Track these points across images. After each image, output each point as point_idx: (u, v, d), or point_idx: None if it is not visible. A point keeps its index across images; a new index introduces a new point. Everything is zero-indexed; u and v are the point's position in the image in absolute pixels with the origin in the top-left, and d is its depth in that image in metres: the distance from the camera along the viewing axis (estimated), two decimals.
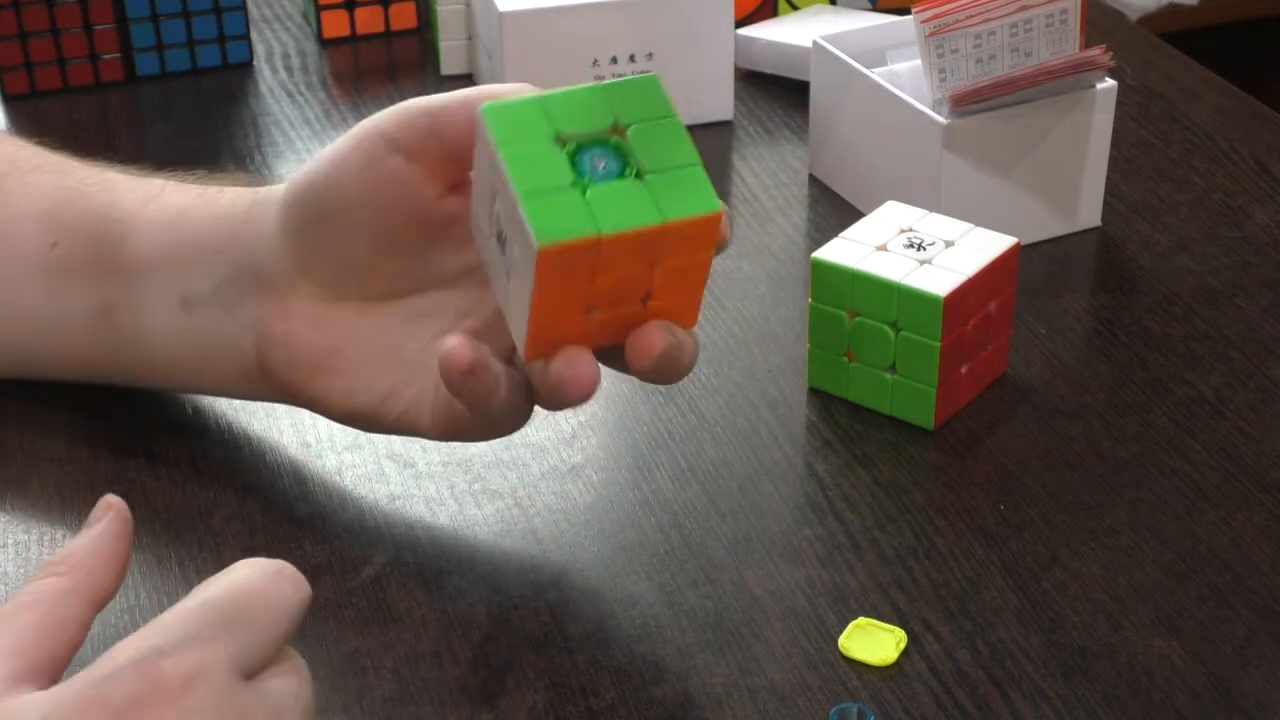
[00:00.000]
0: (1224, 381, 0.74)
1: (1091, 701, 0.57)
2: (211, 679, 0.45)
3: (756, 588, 0.62)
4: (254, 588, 0.47)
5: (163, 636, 0.45)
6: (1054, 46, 0.82)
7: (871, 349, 0.71)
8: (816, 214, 0.89)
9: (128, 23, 1.01)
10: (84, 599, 0.48)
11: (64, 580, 0.48)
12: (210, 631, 0.45)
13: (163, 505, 0.66)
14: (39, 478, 0.68)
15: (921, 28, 0.80)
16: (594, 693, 0.58)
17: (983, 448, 0.70)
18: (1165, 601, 0.62)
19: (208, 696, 0.44)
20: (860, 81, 0.86)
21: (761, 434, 0.71)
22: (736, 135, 0.96)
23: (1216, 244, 0.85)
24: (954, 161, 0.81)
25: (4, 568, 0.64)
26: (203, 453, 0.69)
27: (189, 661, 0.44)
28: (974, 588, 0.63)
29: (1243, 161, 0.93)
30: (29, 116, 0.99)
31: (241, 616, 0.47)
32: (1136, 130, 0.96)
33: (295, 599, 0.48)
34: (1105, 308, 0.80)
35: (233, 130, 0.98)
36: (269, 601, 0.47)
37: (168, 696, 0.44)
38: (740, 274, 0.83)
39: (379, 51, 1.07)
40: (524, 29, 0.92)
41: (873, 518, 0.66)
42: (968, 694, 0.58)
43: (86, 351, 0.68)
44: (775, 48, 1.01)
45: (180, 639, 0.45)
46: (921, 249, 0.71)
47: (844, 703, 0.57)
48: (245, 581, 0.47)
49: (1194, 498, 0.67)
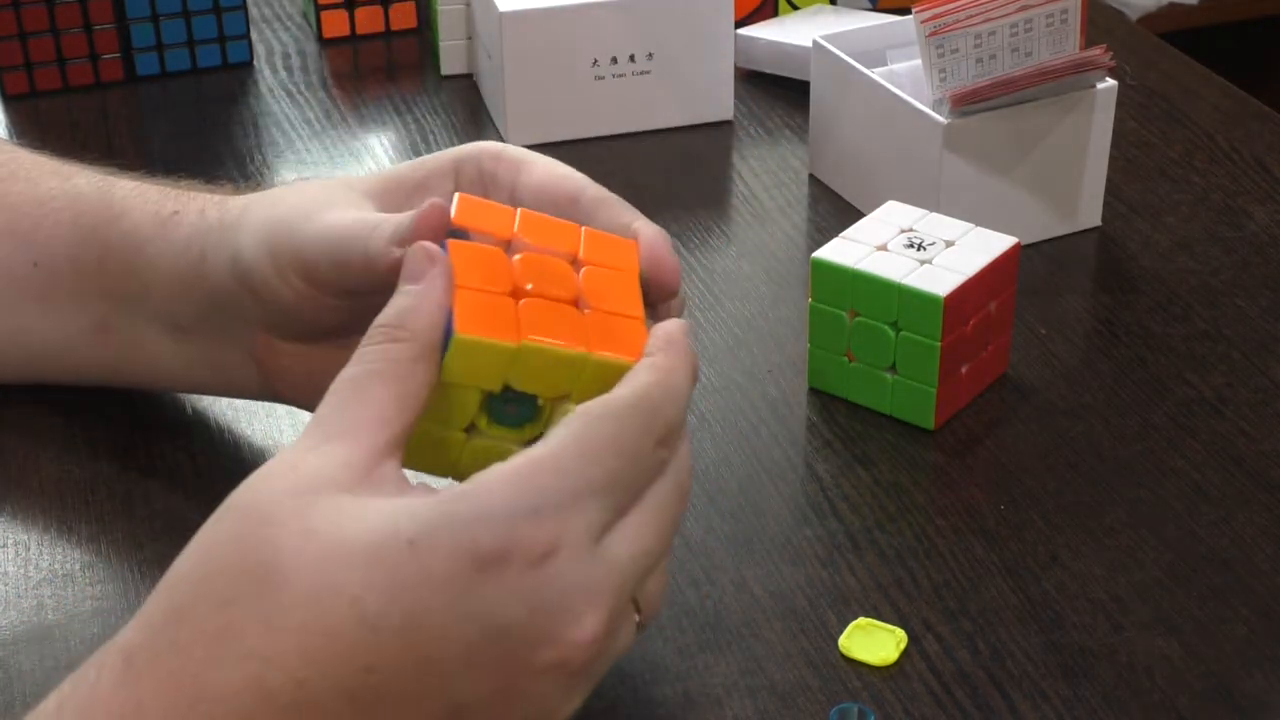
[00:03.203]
0: (1224, 381, 0.74)
1: (1091, 701, 0.57)
2: (569, 552, 0.45)
3: (756, 588, 0.62)
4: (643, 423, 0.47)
5: (537, 492, 0.45)
6: (1054, 46, 0.82)
7: (871, 349, 0.71)
8: (816, 214, 0.89)
9: (128, 22, 1.01)
10: (429, 366, 0.48)
11: (409, 347, 0.48)
12: (584, 493, 0.46)
13: (163, 505, 0.66)
14: (39, 478, 0.68)
15: (921, 28, 0.80)
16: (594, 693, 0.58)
17: (983, 448, 0.70)
18: (1165, 601, 0.62)
19: (563, 571, 0.45)
20: (860, 81, 0.85)
21: (761, 434, 0.71)
22: (736, 135, 0.96)
23: (1216, 244, 0.85)
24: (954, 161, 0.81)
25: (4, 568, 0.64)
26: (203, 453, 0.69)
27: (554, 531, 0.45)
28: (974, 588, 0.63)
29: (1243, 161, 0.93)
30: (29, 116, 0.99)
31: (622, 471, 0.47)
32: (1136, 130, 0.96)
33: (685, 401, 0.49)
34: (1105, 308, 0.80)
35: (233, 130, 0.98)
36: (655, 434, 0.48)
37: (526, 562, 0.44)
38: (740, 274, 0.83)
39: (379, 51, 1.07)
40: (524, 29, 0.92)
41: (873, 518, 0.66)
42: (968, 694, 0.58)
43: (90, 366, 0.68)
44: (775, 48, 1.01)
45: (553, 500, 0.45)
46: (921, 249, 0.71)
47: (844, 703, 0.57)
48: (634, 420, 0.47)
49: (1194, 498, 0.67)
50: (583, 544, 0.45)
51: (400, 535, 0.44)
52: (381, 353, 0.48)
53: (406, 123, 0.98)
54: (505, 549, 0.44)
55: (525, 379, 0.50)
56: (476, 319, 0.49)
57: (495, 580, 0.44)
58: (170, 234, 0.64)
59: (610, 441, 0.47)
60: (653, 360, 0.49)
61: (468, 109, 0.99)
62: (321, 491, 0.45)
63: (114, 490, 0.67)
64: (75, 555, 0.64)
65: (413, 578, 0.44)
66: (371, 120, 0.99)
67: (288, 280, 0.58)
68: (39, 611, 0.61)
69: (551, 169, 0.58)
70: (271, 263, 0.58)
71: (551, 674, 0.46)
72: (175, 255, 0.63)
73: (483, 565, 0.44)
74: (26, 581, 0.63)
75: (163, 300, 0.64)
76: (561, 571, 0.45)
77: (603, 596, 0.46)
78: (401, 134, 0.97)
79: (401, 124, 0.98)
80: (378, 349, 0.48)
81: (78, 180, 0.68)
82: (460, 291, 0.50)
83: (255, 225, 0.59)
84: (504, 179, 0.58)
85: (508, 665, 0.45)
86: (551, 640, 0.45)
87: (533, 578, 0.45)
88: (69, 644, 0.60)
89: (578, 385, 0.50)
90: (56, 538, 0.65)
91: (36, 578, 0.63)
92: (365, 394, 0.47)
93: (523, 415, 0.51)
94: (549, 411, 0.51)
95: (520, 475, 0.45)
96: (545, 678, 0.46)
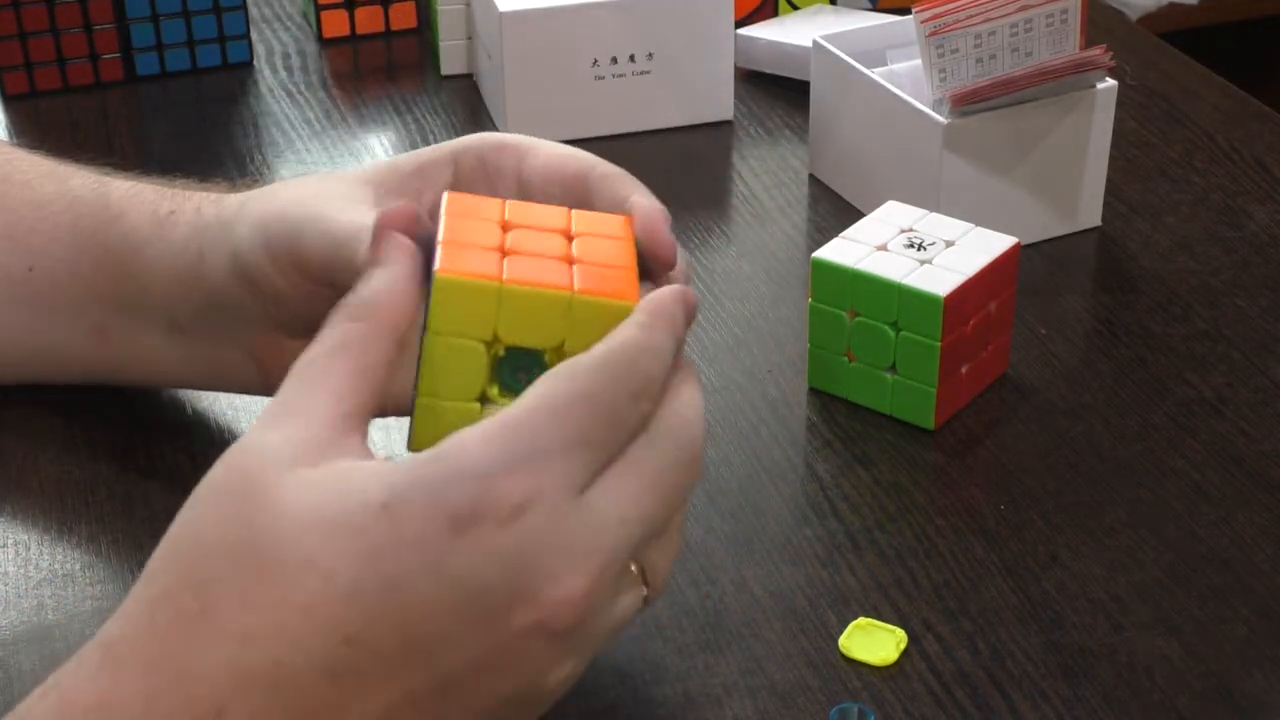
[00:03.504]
0: (1224, 381, 0.74)
1: (1091, 701, 0.57)
2: (544, 508, 0.44)
3: (756, 588, 0.62)
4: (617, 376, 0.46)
5: (509, 449, 0.44)
6: (1054, 46, 0.82)
7: (871, 349, 0.71)
8: (816, 214, 0.89)
9: (128, 23, 1.01)
10: (388, 341, 0.48)
11: (367, 324, 0.48)
12: (557, 448, 0.45)
13: (163, 505, 0.66)
14: (39, 478, 0.68)
15: (921, 28, 0.80)
16: (594, 693, 0.58)
17: (983, 448, 0.70)
18: (1165, 601, 0.62)
19: (538, 527, 0.44)
20: (860, 81, 0.85)
21: (761, 434, 0.71)
22: (736, 135, 0.96)
23: (1216, 244, 0.85)
24: (954, 161, 0.81)
25: (4, 568, 0.64)
26: (203, 453, 0.69)
27: (527, 487, 0.44)
28: (974, 588, 0.63)
29: (1243, 161, 0.93)
30: (29, 116, 0.99)
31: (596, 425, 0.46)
32: (1136, 130, 0.96)
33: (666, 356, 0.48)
34: (1105, 308, 0.80)
35: (233, 130, 0.98)
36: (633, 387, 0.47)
37: (498, 519, 0.44)
38: (740, 274, 0.83)
39: (379, 51, 1.07)
40: (524, 29, 0.92)
41: (873, 518, 0.66)
42: (968, 694, 0.58)
43: (88, 367, 0.68)
44: (775, 48, 1.01)
45: (526, 455, 0.44)
46: (921, 249, 0.71)
47: (844, 703, 0.57)
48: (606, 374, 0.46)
49: (1194, 498, 0.67)
50: (559, 500, 0.45)
51: (371, 501, 0.44)
52: (340, 331, 0.48)
53: (406, 123, 0.98)
54: (478, 507, 0.44)
55: (516, 326, 0.49)
56: (458, 262, 0.49)
57: (470, 540, 0.44)
58: (168, 234, 0.64)
59: (583, 398, 0.46)
60: (632, 318, 0.49)
61: (468, 109, 0.99)
62: (285, 467, 0.45)
63: (114, 490, 0.67)
64: (75, 555, 0.64)
65: (387, 543, 0.43)
66: (371, 120, 0.99)
67: (285, 274, 0.58)
68: (39, 611, 0.61)
69: (557, 150, 0.57)
70: (269, 257, 0.58)
71: (534, 636, 0.45)
72: (174, 255, 0.63)
73: (457, 525, 0.43)
74: (26, 581, 0.63)
75: (161, 300, 0.64)
76: (537, 527, 0.44)
77: (586, 555, 0.45)
78: (401, 134, 0.97)
79: (401, 124, 0.98)
80: (335, 329, 0.48)
81: (74, 183, 0.68)
82: (446, 244, 0.50)
83: (253, 220, 0.59)
84: (508, 167, 0.57)
85: (488, 629, 0.44)
86: (530, 600, 0.44)
87: (507, 535, 0.44)
88: (69, 644, 0.60)
89: (572, 333, 0.49)
90: (56, 538, 0.65)
91: (36, 578, 0.63)
92: (321, 371, 0.47)
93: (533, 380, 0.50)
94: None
95: (492, 434, 0.45)
96: (528, 641, 0.45)
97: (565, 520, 0.45)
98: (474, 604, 0.44)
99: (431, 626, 0.44)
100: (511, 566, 0.44)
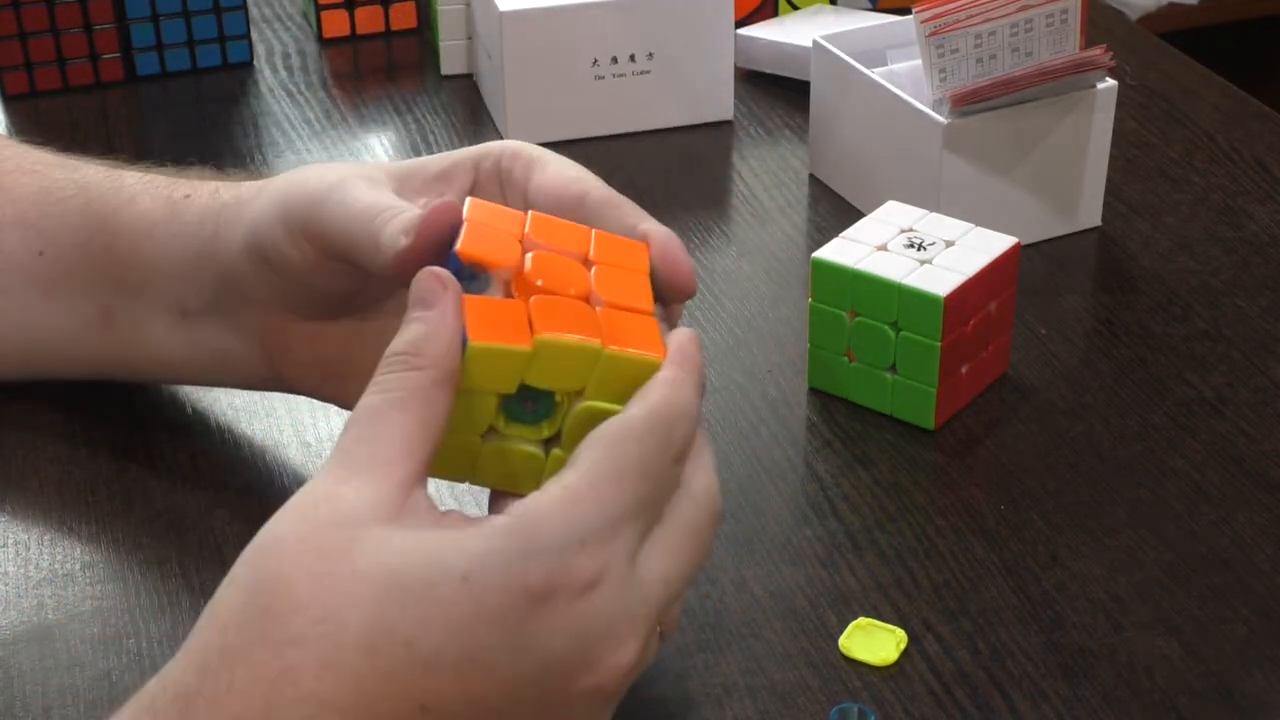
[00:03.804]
0: (1224, 381, 0.74)
1: (1091, 701, 0.57)
2: (612, 580, 0.45)
3: (756, 588, 0.62)
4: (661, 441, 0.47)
5: (582, 523, 0.45)
6: (1054, 46, 0.82)
7: (871, 349, 0.71)
8: (816, 214, 0.89)
9: (128, 22, 1.01)
10: (448, 391, 0.48)
11: (428, 374, 0.48)
12: (619, 518, 0.46)
13: (163, 505, 0.66)
14: (39, 478, 0.68)
15: (921, 28, 0.80)
16: None
17: (983, 448, 0.70)
18: (1165, 601, 0.62)
19: (607, 599, 0.45)
20: (860, 81, 0.85)
21: (761, 434, 0.71)
22: (736, 135, 0.96)
23: (1216, 244, 0.85)
24: (954, 161, 0.81)
25: (4, 568, 0.64)
26: (203, 453, 0.69)
27: (599, 560, 0.45)
28: (974, 588, 0.63)
29: (1243, 161, 0.93)
30: (29, 116, 0.99)
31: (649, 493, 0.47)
32: (1136, 130, 0.96)
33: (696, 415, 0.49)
34: (1105, 308, 0.80)
35: (233, 130, 0.98)
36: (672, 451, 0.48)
37: (572, 594, 0.45)
38: (740, 274, 0.83)
39: (379, 51, 1.07)
40: (524, 29, 0.92)
41: (873, 518, 0.66)
42: (968, 694, 0.58)
43: (92, 355, 0.68)
44: (775, 48, 1.01)
45: (595, 529, 0.45)
46: (921, 249, 0.71)
47: (844, 703, 0.57)
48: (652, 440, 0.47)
49: (1194, 498, 0.67)
50: (622, 570, 0.46)
51: (452, 571, 0.44)
52: (400, 381, 0.47)
53: (406, 123, 0.98)
54: (554, 583, 0.45)
55: (542, 376, 0.50)
56: (488, 325, 0.49)
57: (546, 614, 0.45)
58: (181, 214, 0.64)
59: (636, 464, 0.47)
60: (663, 375, 0.49)
61: (468, 109, 0.99)
62: (361, 526, 0.45)
63: (114, 490, 0.67)
64: (75, 555, 0.64)
65: (468, 614, 0.44)
66: (371, 120, 0.99)
67: (299, 246, 0.58)
68: (39, 611, 0.61)
69: (561, 170, 0.58)
70: (284, 227, 0.58)
71: (591, 699, 0.46)
72: (187, 236, 0.63)
73: (534, 600, 0.44)
74: (26, 581, 0.63)
75: (170, 283, 0.64)
76: (606, 599, 0.45)
77: (640, 621, 0.47)
78: (401, 134, 0.97)
79: (401, 124, 0.98)
80: (396, 377, 0.48)
81: (86, 171, 0.69)
82: (470, 299, 0.50)
83: (273, 194, 0.60)
84: (519, 178, 0.58)
85: (550, 695, 0.46)
86: (593, 668, 0.46)
87: (579, 608, 0.45)
88: (69, 644, 0.60)
89: (593, 380, 0.50)
90: (56, 538, 0.65)
91: (36, 578, 0.63)
92: (388, 424, 0.47)
93: (539, 412, 0.51)
94: (566, 407, 0.51)
95: (563, 506, 0.46)
96: (583, 703, 0.46)
97: (626, 589, 0.46)
98: (543, 673, 0.45)
99: (502, 694, 0.45)
100: (581, 637, 0.45)
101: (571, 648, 0.45)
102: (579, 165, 0.58)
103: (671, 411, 0.48)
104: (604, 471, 0.46)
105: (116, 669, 0.59)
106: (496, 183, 0.58)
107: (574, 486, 0.46)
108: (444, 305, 0.49)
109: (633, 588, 0.46)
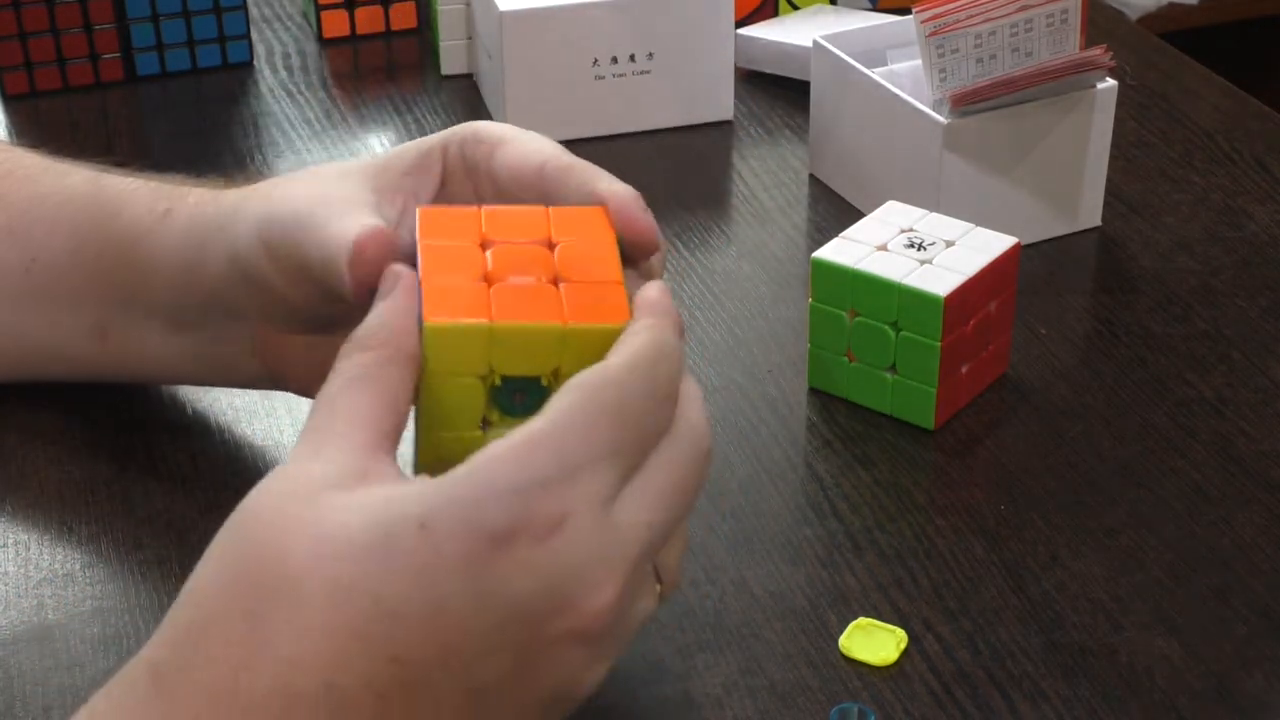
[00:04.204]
0: (1224, 381, 0.74)
1: (1091, 701, 0.57)
2: (579, 522, 0.45)
3: (756, 588, 0.62)
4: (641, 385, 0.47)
5: (543, 466, 0.45)
6: (1054, 46, 0.82)
7: (871, 349, 0.71)
8: (816, 214, 0.89)
9: (128, 22, 1.01)
10: (405, 369, 0.48)
11: (380, 353, 0.48)
12: (587, 463, 0.46)
13: (163, 505, 0.66)
14: (39, 478, 0.68)
15: (921, 28, 0.80)
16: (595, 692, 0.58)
17: (983, 448, 0.70)
18: (1165, 601, 0.62)
19: (572, 541, 0.45)
20: (860, 81, 0.86)
21: (761, 434, 0.71)
22: (736, 135, 0.96)
23: (1216, 244, 0.85)
24: (954, 161, 0.81)
25: (4, 568, 0.64)
26: (203, 453, 0.69)
27: (561, 503, 0.45)
28: (974, 588, 0.63)
29: (1243, 161, 0.93)
30: (29, 116, 0.99)
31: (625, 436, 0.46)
32: (1136, 130, 0.96)
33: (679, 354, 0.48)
34: (1105, 308, 0.80)
35: (233, 130, 0.98)
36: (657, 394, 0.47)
37: (535, 536, 0.45)
38: (740, 274, 0.83)
39: (379, 51, 1.07)
40: (524, 29, 0.92)
41: (873, 518, 0.66)
42: (968, 694, 0.58)
43: (86, 363, 0.68)
44: (775, 48, 1.01)
45: (559, 474, 0.45)
46: (921, 249, 0.71)
47: (844, 703, 0.57)
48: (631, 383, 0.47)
49: (1194, 498, 0.67)
50: (592, 513, 0.45)
51: (409, 519, 0.44)
52: (354, 363, 0.48)
53: (406, 123, 0.98)
54: (515, 525, 0.44)
55: (513, 363, 0.50)
56: (445, 306, 0.50)
57: (508, 557, 0.44)
58: (166, 230, 0.64)
59: (615, 406, 0.46)
60: (639, 323, 0.49)
61: (468, 109, 0.99)
62: (323, 493, 0.45)
63: (114, 490, 0.67)
64: (75, 555, 0.64)
65: (429, 562, 0.44)
66: (371, 120, 0.99)
67: (286, 274, 0.58)
68: (39, 611, 0.61)
69: (523, 145, 0.57)
70: (269, 259, 0.58)
71: (569, 644, 0.46)
72: (175, 250, 0.63)
73: (495, 543, 0.44)
74: (26, 581, 0.63)
75: (163, 294, 0.64)
76: (573, 542, 0.45)
77: (617, 563, 0.46)
78: (401, 134, 0.97)
79: (401, 124, 0.98)
80: (350, 360, 0.49)
81: (72, 179, 0.68)
82: (428, 283, 0.50)
83: (251, 222, 0.59)
84: (481, 161, 0.58)
85: (524, 641, 0.45)
86: (566, 611, 0.45)
87: (544, 551, 0.45)
88: (69, 644, 0.60)
89: (566, 359, 0.50)
90: (56, 538, 0.65)
91: (36, 578, 0.63)
92: (346, 401, 0.48)
93: (530, 403, 0.51)
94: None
95: (521, 449, 0.45)
96: (563, 648, 0.46)
97: (597, 532, 0.46)
98: (513, 618, 0.45)
99: (472, 641, 0.45)
100: (548, 580, 0.45)
101: (538, 591, 0.45)
102: (541, 137, 0.58)
103: (652, 352, 0.48)
104: (573, 415, 0.46)
105: (116, 669, 0.59)
106: (462, 169, 0.58)
107: (534, 431, 0.46)
108: (396, 292, 0.50)
109: (608, 530, 0.46)
